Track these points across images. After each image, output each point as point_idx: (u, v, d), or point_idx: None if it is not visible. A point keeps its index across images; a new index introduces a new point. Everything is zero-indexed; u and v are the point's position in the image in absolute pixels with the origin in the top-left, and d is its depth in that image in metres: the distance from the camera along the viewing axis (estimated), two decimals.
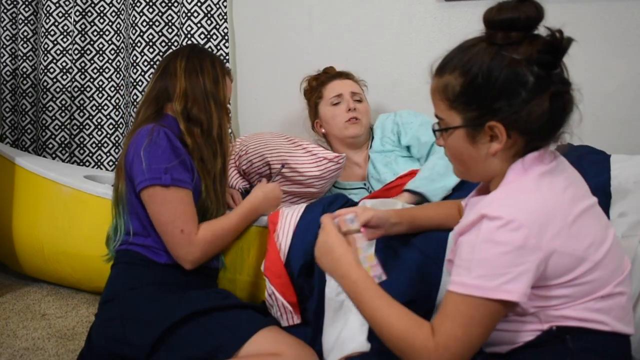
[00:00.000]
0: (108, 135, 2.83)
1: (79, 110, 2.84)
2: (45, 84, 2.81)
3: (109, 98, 2.81)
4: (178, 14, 2.59)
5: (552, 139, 1.04)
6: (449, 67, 1.04)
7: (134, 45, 2.62)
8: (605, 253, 1.02)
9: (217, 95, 1.63)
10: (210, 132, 1.60)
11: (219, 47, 2.53)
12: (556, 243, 0.97)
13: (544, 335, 1.02)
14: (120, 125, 2.81)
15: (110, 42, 2.79)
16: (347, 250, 1.11)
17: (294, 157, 1.95)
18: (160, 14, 2.61)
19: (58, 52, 2.80)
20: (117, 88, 2.80)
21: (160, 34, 2.62)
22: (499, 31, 1.00)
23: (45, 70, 2.80)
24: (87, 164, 2.86)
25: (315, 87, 2.15)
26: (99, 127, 2.84)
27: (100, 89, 2.81)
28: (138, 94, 2.64)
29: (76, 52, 2.79)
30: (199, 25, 2.51)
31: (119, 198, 1.59)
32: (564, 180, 1.04)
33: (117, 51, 2.78)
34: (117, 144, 2.83)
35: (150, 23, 2.61)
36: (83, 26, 2.78)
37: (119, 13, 2.74)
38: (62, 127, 2.85)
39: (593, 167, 1.51)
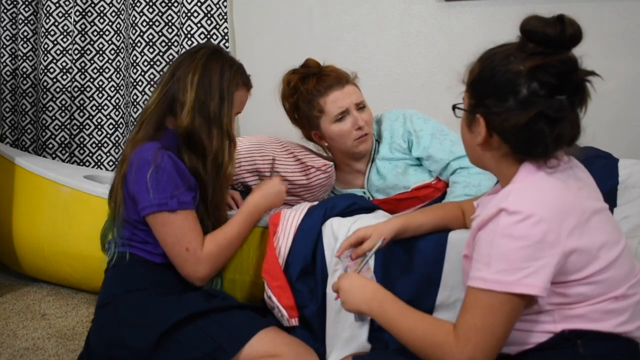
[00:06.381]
0: (108, 135, 2.83)
1: (79, 110, 2.84)
2: (45, 84, 2.81)
3: (109, 98, 2.81)
4: (178, 14, 2.59)
5: (537, 156, 1.04)
6: (480, 56, 1.11)
7: (134, 45, 2.62)
8: (618, 254, 1.03)
9: (221, 120, 1.56)
10: (207, 157, 1.55)
11: None
12: (573, 239, 0.98)
13: (555, 338, 1.03)
14: (120, 125, 2.81)
15: (110, 42, 2.79)
16: (366, 279, 1.21)
17: (284, 164, 1.89)
18: (160, 14, 2.61)
19: (58, 52, 2.80)
20: (117, 88, 2.80)
21: (160, 34, 2.62)
22: (522, 38, 1.03)
23: (45, 70, 2.80)
24: (87, 164, 2.86)
25: (307, 95, 1.88)
26: (99, 127, 2.84)
27: (100, 89, 2.81)
28: (138, 94, 2.64)
29: (76, 52, 2.79)
30: (199, 25, 2.51)
31: (119, 211, 1.55)
32: (577, 181, 1.06)
33: (117, 51, 2.78)
34: (117, 144, 2.83)
35: (150, 23, 2.61)
36: (83, 26, 2.78)
37: (119, 13, 2.74)
38: (62, 127, 2.85)
39: (602, 172, 1.50)
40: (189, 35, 2.52)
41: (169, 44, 2.63)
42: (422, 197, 1.86)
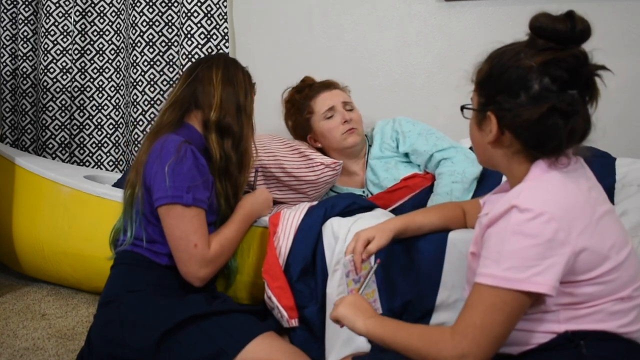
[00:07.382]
0: (108, 135, 2.83)
1: (79, 110, 2.84)
2: (45, 84, 2.81)
3: (109, 98, 2.81)
4: (178, 14, 2.59)
5: (550, 152, 1.04)
6: (488, 55, 1.11)
7: (134, 45, 2.62)
8: (626, 256, 1.04)
9: (247, 108, 1.66)
10: (239, 144, 1.63)
11: (219, 47, 2.53)
12: (583, 239, 0.98)
13: (558, 339, 1.02)
14: (120, 125, 2.81)
15: (110, 42, 2.79)
16: (364, 300, 1.20)
17: (290, 161, 1.93)
18: (160, 14, 2.61)
19: (58, 52, 2.80)
20: (117, 88, 2.80)
21: (160, 34, 2.62)
22: (532, 35, 1.04)
23: (45, 70, 2.80)
24: (87, 164, 2.86)
25: (301, 101, 2.07)
26: (99, 127, 2.84)
27: (100, 89, 2.81)
28: (138, 94, 2.64)
29: (76, 52, 2.79)
30: (199, 25, 2.51)
31: (134, 202, 1.57)
32: (588, 181, 1.07)
33: (117, 51, 2.78)
34: (117, 144, 2.83)
35: (150, 23, 2.61)
36: (83, 26, 2.78)
37: (119, 13, 2.74)
38: (62, 127, 2.85)
39: (600, 171, 1.52)
40: (189, 35, 2.51)
41: (169, 44, 2.63)
42: (411, 185, 1.92)
